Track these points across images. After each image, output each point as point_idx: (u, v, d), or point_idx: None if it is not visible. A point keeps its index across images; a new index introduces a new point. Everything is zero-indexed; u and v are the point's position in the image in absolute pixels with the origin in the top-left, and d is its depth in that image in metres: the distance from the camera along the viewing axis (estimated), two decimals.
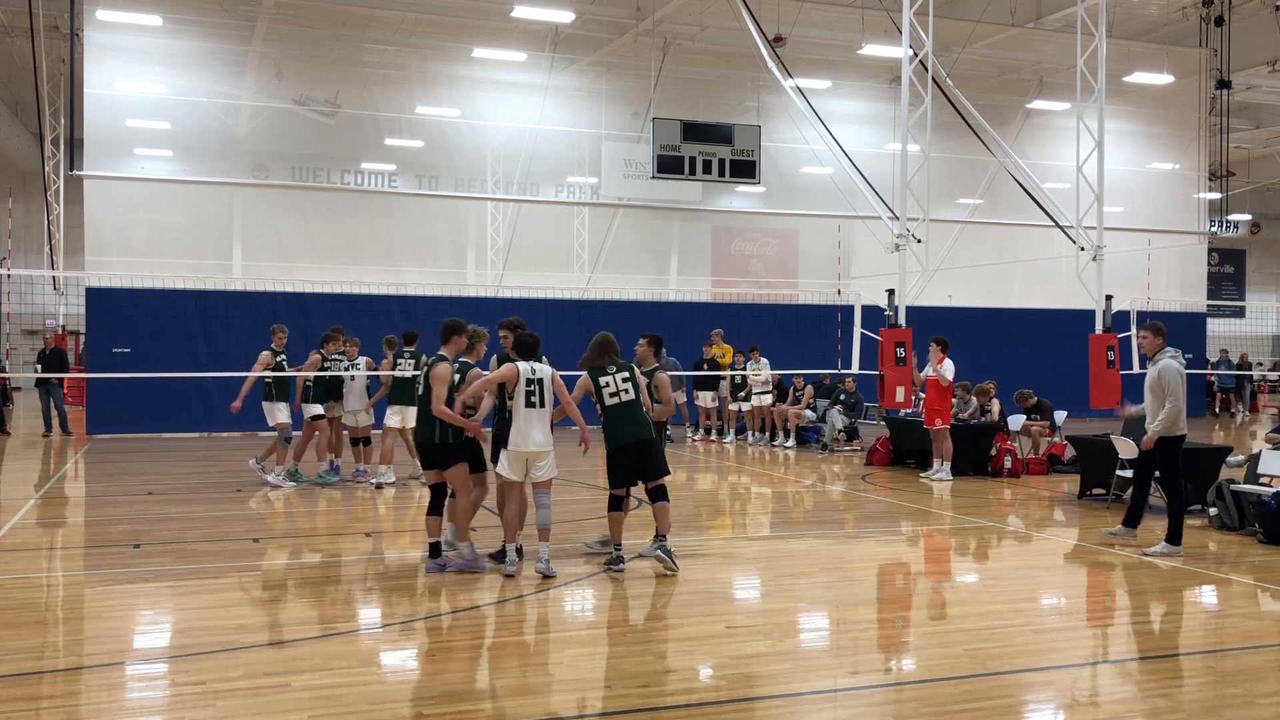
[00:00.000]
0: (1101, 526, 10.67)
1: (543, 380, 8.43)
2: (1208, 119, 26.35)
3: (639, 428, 8.67)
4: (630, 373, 8.80)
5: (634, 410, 8.68)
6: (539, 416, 8.39)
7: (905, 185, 16.01)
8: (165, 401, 19.41)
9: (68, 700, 5.68)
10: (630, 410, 8.66)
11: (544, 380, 8.44)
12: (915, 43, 16.20)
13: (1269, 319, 41.76)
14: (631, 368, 8.90)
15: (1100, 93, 16.96)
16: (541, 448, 8.39)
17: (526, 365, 8.45)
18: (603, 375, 8.69)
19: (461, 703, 5.64)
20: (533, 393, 8.38)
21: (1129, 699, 5.85)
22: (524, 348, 8.57)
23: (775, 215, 29.41)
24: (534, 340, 8.58)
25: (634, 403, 8.69)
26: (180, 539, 10.03)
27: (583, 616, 7.66)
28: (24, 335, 27.18)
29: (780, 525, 11.24)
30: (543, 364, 8.54)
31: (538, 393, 8.39)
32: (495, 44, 23.67)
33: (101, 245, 22.71)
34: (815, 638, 7.18)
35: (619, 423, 8.64)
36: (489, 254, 26.93)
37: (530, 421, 8.34)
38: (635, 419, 8.67)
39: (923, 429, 14.92)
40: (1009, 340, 24.02)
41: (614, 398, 8.65)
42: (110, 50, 22.14)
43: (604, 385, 8.67)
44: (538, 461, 8.41)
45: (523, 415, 8.34)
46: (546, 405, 8.44)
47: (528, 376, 8.40)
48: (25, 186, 31.34)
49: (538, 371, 8.44)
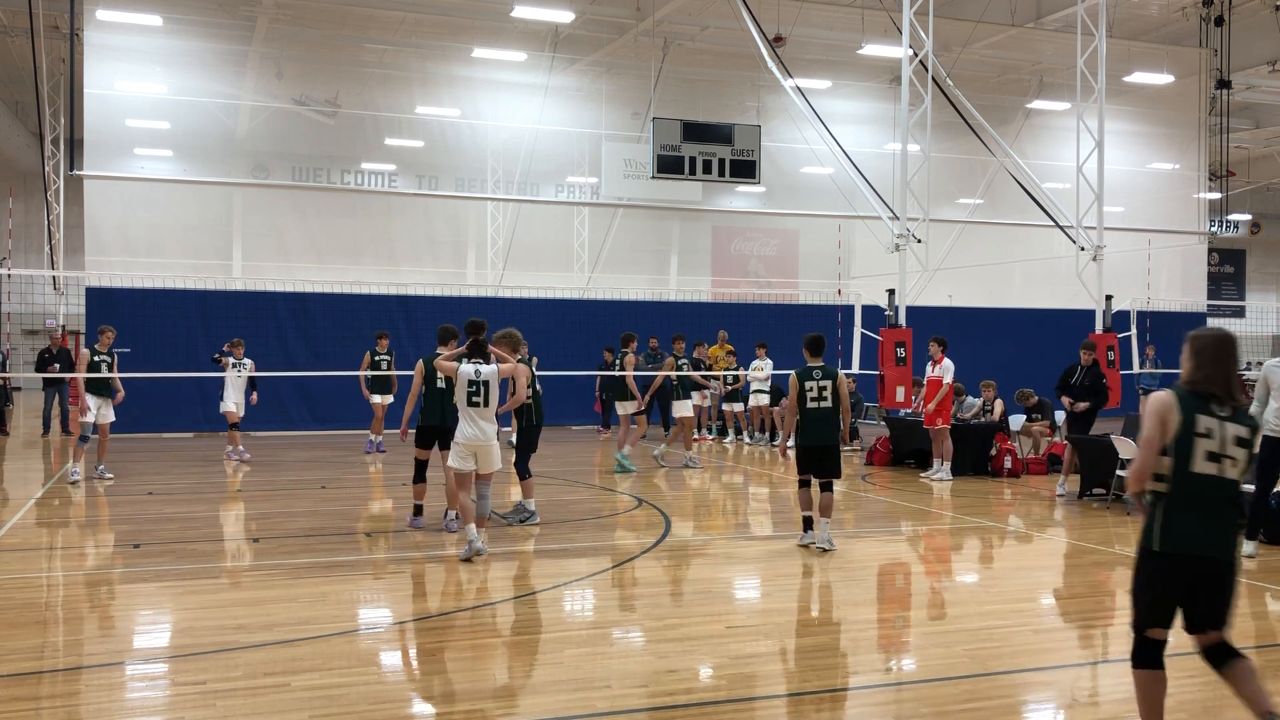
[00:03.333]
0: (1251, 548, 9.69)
1: (488, 381, 9.03)
2: (1208, 119, 26.34)
3: (828, 436, 9.67)
4: (834, 378, 9.72)
5: (829, 416, 9.63)
6: (481, 414, 9.00)
7: (905, 185, 16.01)
8: (165, 401, 19.41)
9: (68, 700, 5.68)
10: (825, 417, 9.62)
11: (489, 381, 9.03)
12: (915, 43, 16.20)
13: (1269, 319, 41.74)
14: (835, 372, 9.78)
15: (1100, 93, 16.97)
16: (481, 442, 8.99)
17: (471, 367, 9.06)
18: (808, 379, 9.66)
19: (461, 703, 5.64)
20: (475, 392, 8.99)
21: (1129, 699, 5.84)
22: (472, 349, 9.21)
23: (775, 215, 29.41)
24: (483, 344, 9.23)
25: (831, 410, 9.64)
26: (180, 539, 10.03)
27: (583, 616, 7.66)
28: (24, 335, 27.18)
29: (780, 525, 11.24)
30: (488, 365, 9.11)
31: (480, 392, 8.99)
32: (495, 44, 23.67)
33: (101, 245, 22.71)
34: (815, 638, 7.18)
35: (813, 425, 9.64)
36: (489, 254, 26.93)
37: (472, 418, 9.00)
38: (826, 427, 9.64)
39: (923, 429, 14.92)
40: (1009, 340, 24.00)
41: (814, 403, 9.61)
42: (110, 50, 22.13)
43: (808, 389, 9.62)
44: (485, 453, 9.03)
45: (466, 412, 9.00)
46: (490, 404, 9.03)
47: (470, 377, 9.01)
48: (25, 186, 31.32)
49: (483, 373, 9.03)
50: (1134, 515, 10.24)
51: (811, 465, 9.66)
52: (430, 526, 10.35)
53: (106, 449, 14.22)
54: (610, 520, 11.30)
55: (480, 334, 9.30)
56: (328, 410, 20.73)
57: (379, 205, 27.03)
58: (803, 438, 9.68)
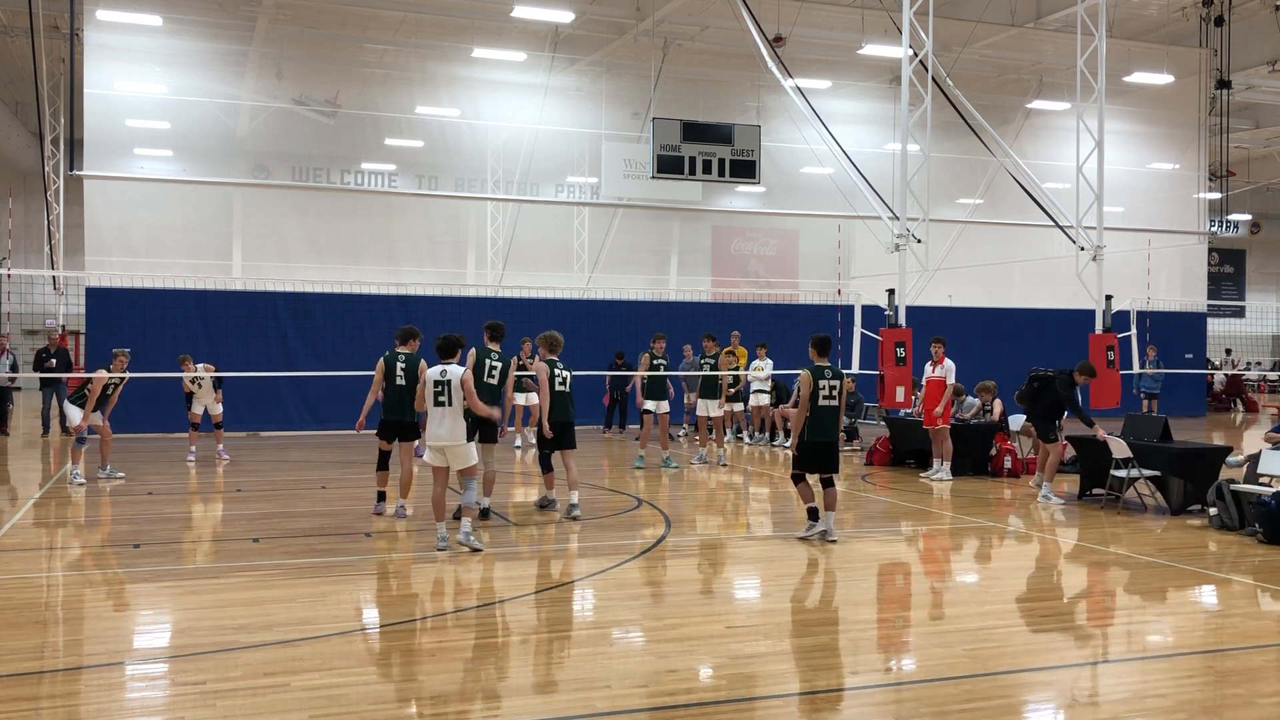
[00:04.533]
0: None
1: (450, 382, 9.30)
2: (1208, 119, 26.34)
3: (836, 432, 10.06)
4: (841, 379, 10.02)
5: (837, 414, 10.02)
6: (447, 413, 9.28)
7: (905, 185, 15.99)
8: (165, 401, 19.38)
9: (68, 700, 5.68)
10: (835, 415, 9.99)
11: (452, 381, 9.30)
12: (915, 43, 16.19)
13: (1269, 319, 41.78)
14: (841, 373, 10.09)
15: (1100, 93, 16.95)
16: (448, 441, 9.29)
17: (437, 368, 9.38)
18: (821, 378, 9.88)
19: (461, 703, 5.64)
20: (440, 392, 9.29)
21: (1129, 699, 5.85)
22: (439, 351, 9.53)
23: (775, 215, 29.40)
24: (446, 344, 9.51)
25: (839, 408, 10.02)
26: (180, 539, 10.03)
27: (583, 616, 7.66)
28: (24, 335, 27.18)
29: (780, 525, 11.24)
30: (455, 366, 9.40)
31: (445, 393, 9.27)
32: (495, 44, 23.67)
33: (101, 245, 22.69)
34: (815, 638, 7.18)
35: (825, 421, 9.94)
36: (489, 254, 26.92)
37: (438, 417, 9.30)
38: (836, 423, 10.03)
39: (923, 429, 14.92)
40: (1009, 340, 24.00)
41: (827, 400, 9.88)
42: (110, 50, 22.12)
43: (821, 387, 9.85)
44: (453, 453, 9.31)
45: (433, 412, 9.33)
46: (455, 404, 9.28)
47: (435, 378, 9.34)
48: (25, 186, 31.31)
49: (447, 374, 9.32)
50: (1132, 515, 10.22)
51: (817, 461, 9.98)
52: (426, 528, 10.30)
53: (110, 449, 14.21)
54: (610, 520, 11.30)
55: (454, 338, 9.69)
56: (328, 410, 20.71)
57: (379, 205, 27.02)
58: (812, 434, 9.95)
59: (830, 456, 9.99)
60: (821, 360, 10.03)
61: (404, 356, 10.93)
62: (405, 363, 10.89)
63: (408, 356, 10.94)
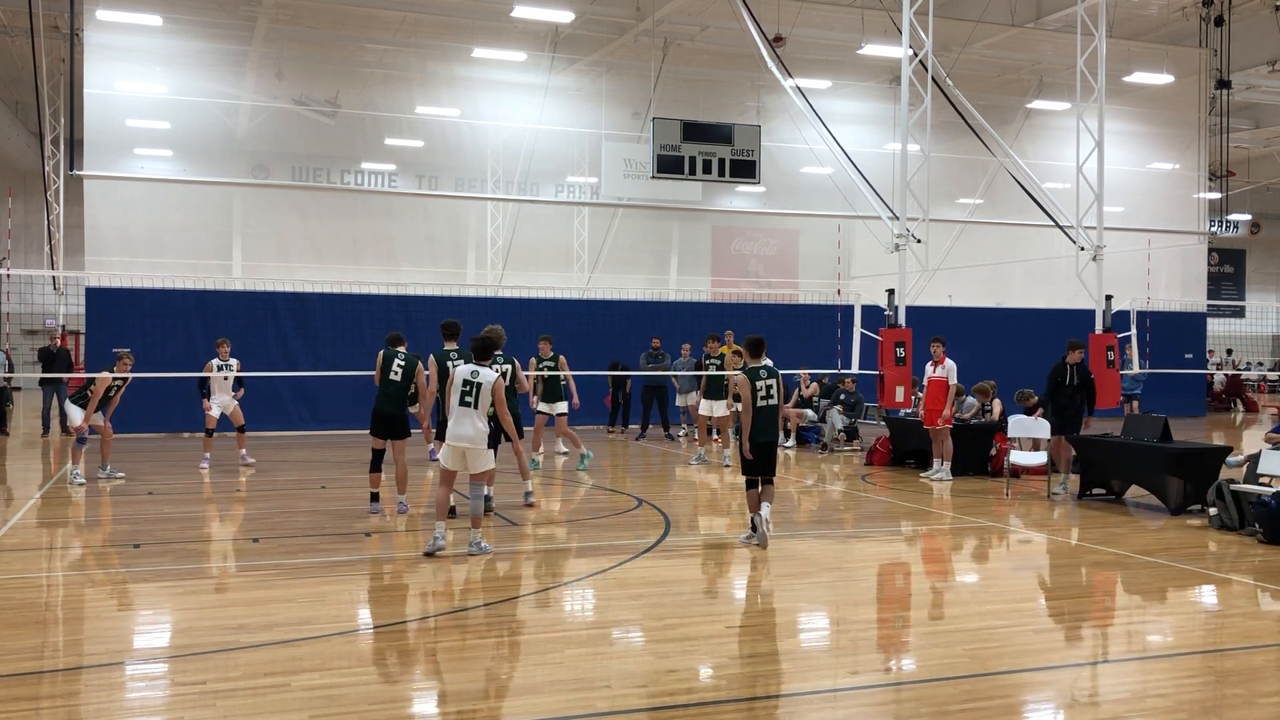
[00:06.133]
0: None
1: (481, 385, 9.13)
2: (1208, 119, 26.34)
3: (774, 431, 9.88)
4: (776, 377, 9.86)
5: (775, 413, 9.86)
6: (472, 415, 9.12)
7: (905, 185, 16.00)
8: (165, 401, 19.39)
9: (68, 700, 5.68)
10: (774, 415, 9.82)
11: (482, 384, 9.14)
12: (915, 43, 16.20)
13: (1269, 319, 41.76)
14: (776, 371, 9.93)
15: (1100, 93, 16.96)
16: (471, 443, 9.11)
17: (468, 368, 9.25)
18: (758, 379, 9.76)
19: (462, 703, 5.64)
20: (468, 393, 9.14)
21: (1129, 699, 5.85)
22: (474, 352, 9.43)
23: (775, 215, 29.41)
24: (480, 345, 9.41)
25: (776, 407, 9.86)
26: (180, 539, 10.03)
27: (583, 616, 7.66)
28: (24, 335, 27.18)
29: (780, 525, 11.23)
30: (488, 369, 9.29)
31: (474, 394, 9.12)
32: (495, 44, 23.66)
33: (101, 245, 22.70)
34: (815, 638, 7.18)
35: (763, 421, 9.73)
36: (489, 254, 26.93)
37: (462, 418, 9.12)
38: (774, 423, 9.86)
39: (923, 429, 14.91)
40: (1009, 340, 23.99)
41: (765, 400, 9.73)
42: (110, 50, 22.13)
43: (759, 389, 9.70)
44: (473, 455, 9.15)
45: (457, 411, 9.14)
46: (481, 406, 9.13)
47: (465, 378, 9.18)
48: (25, 186, 31.32)
49: (479, 375, 9.17)
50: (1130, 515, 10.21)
51: (759, 462, 9.79)
52: (427, 528, 10.31)
53: (111, 449, 14.20)
54: (610, 520, 11.30)
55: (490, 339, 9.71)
56: (328, 410, 20.72)
57: (379, 205, 27.03)
58: (751, 434, 9.80)
59: (769, 457, 9.84)
60: (756, 361, 9.94)
61: (401, 354, 11.19)
62: (404, 360, 11.15)
63: (405, 354, 11.20)
